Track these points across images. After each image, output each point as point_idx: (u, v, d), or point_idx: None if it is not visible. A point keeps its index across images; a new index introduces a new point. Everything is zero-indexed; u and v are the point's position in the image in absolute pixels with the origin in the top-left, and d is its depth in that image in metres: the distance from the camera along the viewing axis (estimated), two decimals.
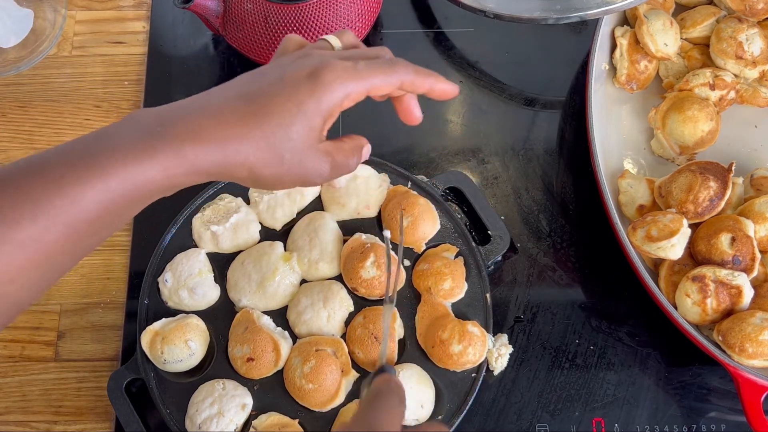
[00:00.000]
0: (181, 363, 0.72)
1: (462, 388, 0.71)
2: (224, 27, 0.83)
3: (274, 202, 0.78)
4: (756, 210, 0.73)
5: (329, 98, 0.53)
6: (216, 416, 0.69)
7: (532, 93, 0.89)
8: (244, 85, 0.54)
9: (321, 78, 0.53)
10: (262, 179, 0.54)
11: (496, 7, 0.78)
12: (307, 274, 0.76)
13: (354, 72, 0.54)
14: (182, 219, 0.78)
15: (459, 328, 0.71)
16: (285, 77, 0.54)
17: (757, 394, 0.68)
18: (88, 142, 0.50)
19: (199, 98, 0.54)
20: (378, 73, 0.54)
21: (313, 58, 0.55)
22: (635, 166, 0.82)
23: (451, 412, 0.70)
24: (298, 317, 0.73)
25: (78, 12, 0.94)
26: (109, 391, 0.72)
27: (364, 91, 0.54)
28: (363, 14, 0.84)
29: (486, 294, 0.74)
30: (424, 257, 0.76)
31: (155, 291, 0.76)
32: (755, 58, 0.80)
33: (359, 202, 0.77)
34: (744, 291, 0.70)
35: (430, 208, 0.77)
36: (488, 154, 0.85)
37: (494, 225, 0.77)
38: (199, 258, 0.76)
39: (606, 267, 0.80)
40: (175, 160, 0.50)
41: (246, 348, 0.71)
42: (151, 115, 0.52)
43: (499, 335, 0.75)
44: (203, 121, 0.51)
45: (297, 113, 0.53)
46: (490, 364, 0.73)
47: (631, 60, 0.82)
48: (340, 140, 0.59)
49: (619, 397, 0.75)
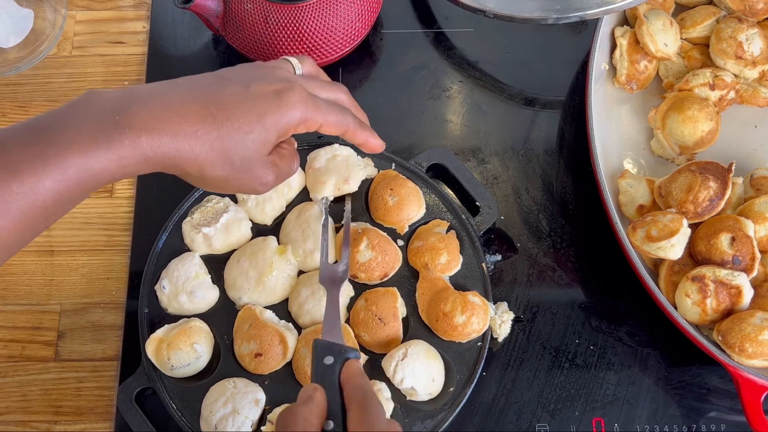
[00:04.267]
0: (189, 367, 0.72)
1: (470, 358, 0.72)
2: (224, 27, 0.83)
3: (261, 197, 0.78)
4: (756, 210, 0.73)
5: (289, 117, 0.56)
6: (231, 414, 0.69)
7: (532, 93, 0.89)
8: (209, 86, 0.56)
9: (286, 98, 0.56)
10: (208, 180, 0.56)
11: (496, 7, 0.78)
12: (303, 264, 0.76)
13: (314, 104, 0.58)
14: (171, 225, 0.78)
15: (460, 299, 0.72)
16: (251, 88, 0.56)
17: (757, 394, 0.68)
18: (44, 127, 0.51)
19: (161, 87, 0.55)
20: (333, 115, 0.59)
21: (279, 77, 0.58)
22: (635, 166, 0.82)
23: (462, 382, 0.71)
24: (301, 308, 0.73)
25: (78, 12, 0.94)
26: (120, 404, 0.72)
27: (318, 124, 0.58)
28: (363, 14, 0.84)
29: (482, 264, 0.76)
30: (416, 235, 0.77)
31: (153, 299, 0.75)
32: (755, 58, 0.80)
33: (339, 178, 0.78)
34: (744, 291, 0.70)
35: (417, 192, 0.78)
36: (488, 154, 0.85)
37: (481, 196, 0.78)
38: (193, 261, 0.75)
39: (606, 267, 0.80)
40: (131, 149, 0.51)
41: (253, 344, 0.71)
42: (108, 101, 0.52)
43: (500, 303, 0.76)
44: (161, 113, 0.52)
45: (256, 123, 0.55)
46: (493, 331, 0.74)
47: (631, 60, 0.82)
48: (280, 147, 0.61)
49: (619, 397, 0.75)
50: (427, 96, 0.89)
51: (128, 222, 0.83)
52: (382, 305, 0.72)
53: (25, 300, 0.81)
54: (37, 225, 0.51)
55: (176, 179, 0.58)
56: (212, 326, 0.74)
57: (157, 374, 0.72)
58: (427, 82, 0.89)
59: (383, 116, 0.84)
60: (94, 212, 0.84)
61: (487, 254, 0.80)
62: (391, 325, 0.72)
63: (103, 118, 0.51)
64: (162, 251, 0.77)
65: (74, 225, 0.84)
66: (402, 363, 0.69)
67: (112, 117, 0.51)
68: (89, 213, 0.84)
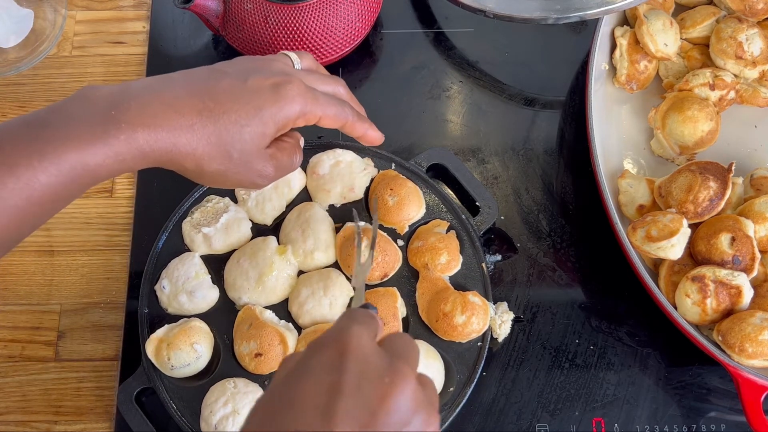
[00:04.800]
0: (189, 367, 0.72)
1: (470, 358, 0.72)
2: (224, 27, 0.83)
3: (261, 197, 0.78)
4: (756, 210, 0.73)
5: (287, 111, 0.56)
6: (231, 415, 0.69)
7: (532, 93, 0.89)
8: (205, 80, 0.55)
9: (284, 91, 0.56)
10: (207, 174, 0.56)
11: (496, 7, 0.78)
12: (303, 264, 0.76)
13: (313, 97, 0.57)
14: (171, 225, 0.78)
15: (460, 299, 0.72)
16: (248, 81, 0.55)
17: (757, 394, 0.68)
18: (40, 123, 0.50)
19: (157, 82, 0.55)
20: (332, 107, 0.59)
21: (277, 70, 0.58)
22: (635, 166, 0.82)
23: (462, 382, 0.71)
24: (301, 308, 0.73)
25: (78, 12, 0.94)
26: (120, 404, 0.71)
27: (317, 117, 0.58)
28: (363, 14, 0.84)
29: (482, 264, 0.76)
30: (416, 235, 0.77)
31: (153, 299, 0.75)
32: (755, 58, 0.80)
33: (344, 186, 0.78)
34: (744, 291, 0.70)
35: (417, 192, 0.78)
36: (488, 154, 0.85)
37: (481, 196, 0.78)
38: (193, 261, 0.75)
39: (606, 267, 0.80)
40: (127, 145, 0.51)
41: (253, 344, 0.71)
42: (103, 96, 0.52)
43: (500, 303, 0.76)
44: (157, 107, 0.52)
45: (254, 116, 0.55)
46: (493, 331, 0.74)
47: (631, 60, 0.82)
48: (280, 140, 0.60)
49: (619, 397, 0.75)
50: (427, 96, 0.89)
51: (128, 222, 0.83)
52: (382, 305, 0.72)
53: (25, 300, 0.81)
54: (32, 221, 0.51)
55: (176, 179, 0.59)
56: (212, 326, 0.74)
57: (157, 374, 0.72)
58: (427, 82, 0.89)
59: (383, 116, 0.84)
60: (94, 212, 0.84)
61: (487, 254, 0.80)
62: (390, 325, 0.72)
63: (99, 114, 0.51)
64: (162, 251, 0.77)
65: (74, 225, 0.84)
66: None
67: (108, 112, 0.51)
68: (89, 213, 0.84)
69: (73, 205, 0.84)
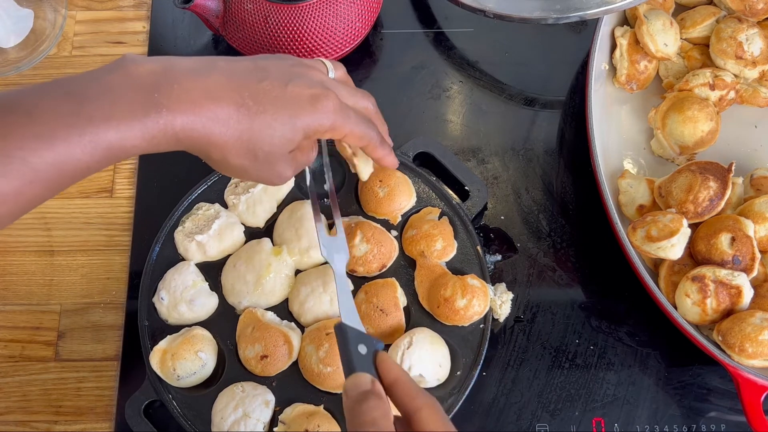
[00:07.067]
0: (195, 376, 0.71)
1: (473, 340, 0.73)
2: (224, 27, 0.83)
3: (252, 200, 0.78)
4: (756, 210, 0.73)
5: (320, 123, 0.57)
6: (242, 419, 0.69)
7: (532, 93, 0.89)
8: (247, 75, 0.56)
9: (320, 104, 0.57)
10: (231, 167, 0.57)
11: (496, 7, 0.79)
12: (299, 263, 0.76)
13: (345, 115, 0.59)
14: (163, 236, 0.77)
15: (460, 283, 0.72)
16: (289, 87, 0.56)
17: (757, 394, 0.68)
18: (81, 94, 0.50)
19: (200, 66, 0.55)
20: (360, 127, 0.61)
21: (317, 80, 0.59)
22: (635, 166, 0.82)
23: (468, 365, 0.72)
24: (301, 306, 0.74)
25: (78, 12, 0.94)
26: (128, 418, 0.71)
27: (345, 133, 0.60)
28: (363, 14, 0.84)
29: (477, 247, 0.76)
30: (410, 224, 0.77)
31: (153, 311, 0.75)
32: (755, 58, 0.80)
33: None
34: (744, 291, 0.70)
35: (406, 181, 0.78)
36: (488, 154, 0.85)
37: (470, 179, 0.79)
38: (189, 270, 0.75)
39: (606, 267, 0.80)
40: (164, 130, 0.52)
41: (258, 347, 0.71)
42: (145, 73, 0.52)
43: (498, 284, 0.76)
44: (199, 94, 0.53)
45: (287, 123, 0.56)
46: (494, 312, 0.75)
47: (631, 60, 0.82)
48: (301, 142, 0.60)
49: (619, 397, 0.75)
50: (427, 96, 0.89)
51: (128, 222, 0.83)
52: (383, 296, 0.72)
53: (25, 300, 0.81)
54: (58, 189, 0.52)
55: (176, 179, 0.59)
56: (214, 333, 0.74)
57: (163, 386, 0.72)
58: (427, 82, 0.89)
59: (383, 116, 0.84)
60: (94, 212, 0.84)
61: (487, 254, 0.80)
62: (393, 315, 0.72)
63: (141, 94, 0.51)
64: (156, 263, 0.76)
65: (74, 225, 0.84)
66: (408, 351, 0.70)
67: (151, 94, 0.51)
68: (89, 213, 0.84)
69: (73, 205, 0.84)
